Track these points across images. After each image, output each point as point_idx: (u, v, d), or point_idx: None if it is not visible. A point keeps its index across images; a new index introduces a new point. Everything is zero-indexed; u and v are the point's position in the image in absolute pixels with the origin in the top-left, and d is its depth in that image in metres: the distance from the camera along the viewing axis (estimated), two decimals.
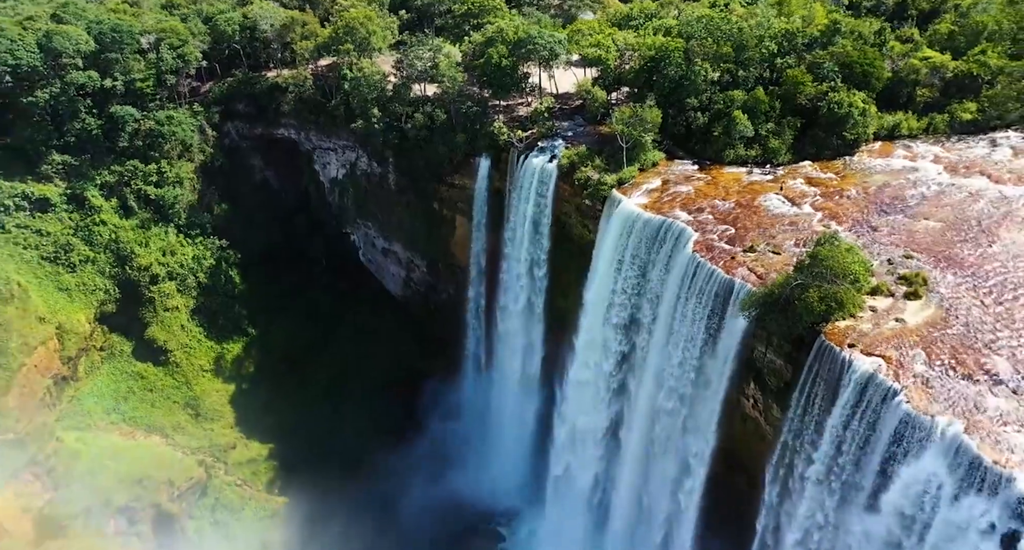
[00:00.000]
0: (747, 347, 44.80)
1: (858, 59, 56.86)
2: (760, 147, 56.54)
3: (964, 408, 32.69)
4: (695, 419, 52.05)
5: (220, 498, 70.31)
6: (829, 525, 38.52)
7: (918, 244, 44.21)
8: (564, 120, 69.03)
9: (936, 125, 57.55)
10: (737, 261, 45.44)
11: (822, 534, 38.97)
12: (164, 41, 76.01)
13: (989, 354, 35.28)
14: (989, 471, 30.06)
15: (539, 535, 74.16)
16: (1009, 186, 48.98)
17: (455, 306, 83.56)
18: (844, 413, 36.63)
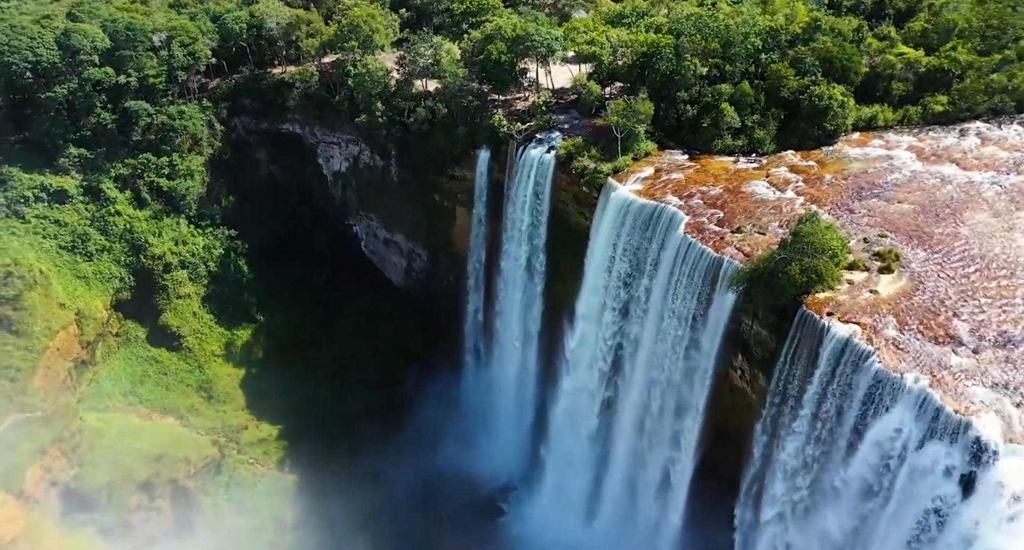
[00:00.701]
0: (735, 320, 48.16)
1: (838, 55, 60.32)
2: (746, 137, 59.91)
3: (930, 366, 36.14)
4: (687, 393, 55.38)
5: (234, 476, 73.10)
6: (810, 477, 41.93)
7: (892, 224, 47.70)
8: (560, 113, 72.01)
9: (910, 116, 61.15)
10: (725, 241, 48.82)
11: (804, 486, 42.36)
12: (175, 39, 78.56)
13: (953, 320, 38.77)
14: (950, 419, 33.50)
15: (538, 509, 77.22)
16: (975, 172, 52.59)
17: (456, 293, 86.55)
18: (823, 375, 40.08)
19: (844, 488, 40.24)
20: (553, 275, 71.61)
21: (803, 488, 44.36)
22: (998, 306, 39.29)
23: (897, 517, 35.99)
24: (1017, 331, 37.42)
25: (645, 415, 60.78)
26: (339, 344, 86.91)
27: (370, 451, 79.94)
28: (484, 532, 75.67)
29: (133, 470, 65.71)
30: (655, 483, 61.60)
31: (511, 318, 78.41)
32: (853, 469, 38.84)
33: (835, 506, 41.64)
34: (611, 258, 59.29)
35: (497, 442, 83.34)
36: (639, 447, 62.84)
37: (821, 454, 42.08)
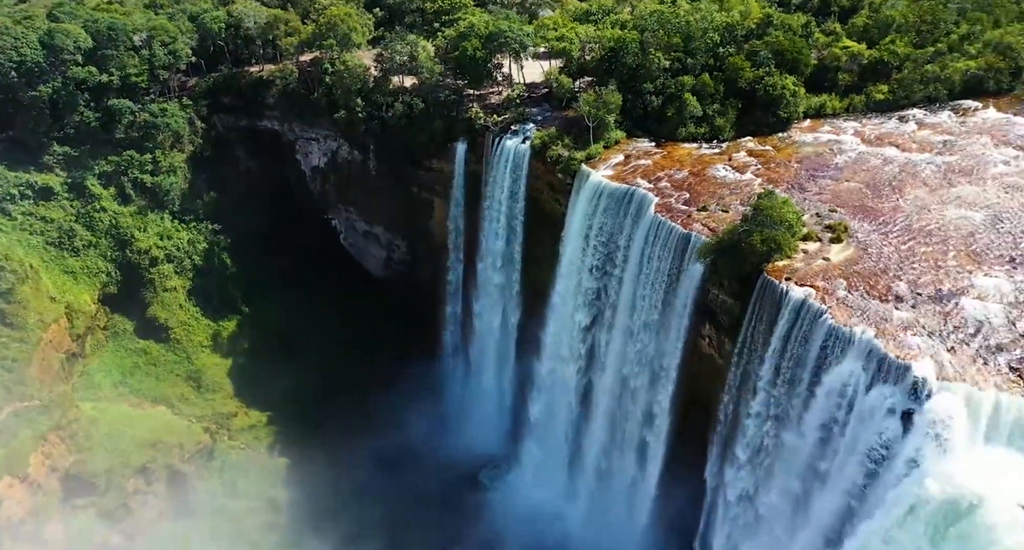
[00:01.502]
0: (703, 291, 52.36)
1: (789, 48, 65.12)
2: (708, 125, 64.28)
3: (875, 321, 40.72)
4: (660, 363, 59.54)
5: (226, 460, 75.35)
6: (773, 424, 46.37)
7: (840, 201, 52.42)
8: (533, 106, 75.57)
9: (855, 104, 66.26)
10: (692, 219, 53.09)
11: (768, 432, 46.81)
12: (156, 38, 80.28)
13: (894, 281, 43.49)
14: (893, 364, 38.03)
15: (520, 483, 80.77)
16: (913, 153, 57.72)
17: (435, 282, 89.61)
18: (783, 333, 44.45)
19: (803, 438, 44.71)
20: (530, 260, 75.15)
21: (767, 443, 48.92)
22: (932, 268, 44.14)
23: (851, 454, 40.47)
24: (948, 289, 42.25)
25: (621, 388, 64.70)
26: (323, 334, 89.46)
27: (356, 435, 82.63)
28: (468, 506, 78.85)
29: (130, 456, 67.69)
30: (633, 452, 65.64)
31: (490, 303, 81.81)
32: (811, 417, 43.25)
33: (795, 457, 46.16)
34: (586, 239, 63.13)
35: (478, 423, 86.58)
36: (616, 418, 66.82)
37: (782, 409, 46.52)
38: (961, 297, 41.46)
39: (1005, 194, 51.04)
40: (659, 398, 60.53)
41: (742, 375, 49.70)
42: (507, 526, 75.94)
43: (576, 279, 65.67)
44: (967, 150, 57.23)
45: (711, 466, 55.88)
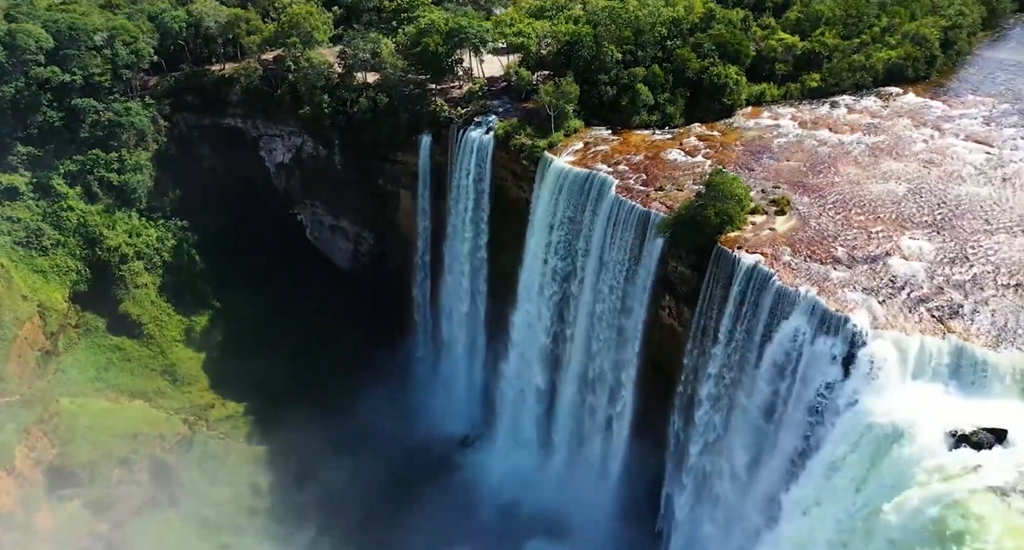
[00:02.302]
0: (662, 264, 56.68)
1: (730, 40, 70.07)
2: (660, 113, 68.69)
3: (817, 280, 45.53)
4: (625, 335, 63.80)
5: (206, 450, 76.68)
6: (730, 380, 50.97)
7: (782, 178, 57.39)
8: (494, 99, 78.82)
9: (791, 92, 71.61)
10: (651, 198, 57.36)
11: (726, 388, 51.40)
12: (117, 38, 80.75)
13: (832, 246, 48.47)
14: (833, 317, 42.83)
15: (494, 458, 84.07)
16: (844, 135, 63.22)
17: (404, 272, 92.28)
18: (737, 296, 48.97)
19: (758, 389, 49.36)
20: (497, 245, 78.38)
21: (725, 398, 53.54)
22: (864, 234, 49.32)
23: (800, 400, 45.22)
24: (878, 251, 47.42)
25: (589, 361, 68.59)
26: (294, 326, 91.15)
27: (331, 421, 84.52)
28: (444, 482, 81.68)
29: (112, 447, 68.77)
30: (602, 420, 69.70)
31: (459, 289, 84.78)
32: (764, 369, 47.83)
33: (751, 408, 50.79)
34: (551, 222, 66.87)
35: (451, 405, 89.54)
36: (585, 390, 70.70)
37: (738, 365, 51.11)
38: (889, 257, 46.67)
39: (924, 169, 56.78)
40: (625, 367, 64.69)
41: (701, 338, 54.17)
42: (482, 495, 79.20)
43: (543, 260, 69.30)
44: (891, 131, 63.07)
45: (674, 425, 60.32)
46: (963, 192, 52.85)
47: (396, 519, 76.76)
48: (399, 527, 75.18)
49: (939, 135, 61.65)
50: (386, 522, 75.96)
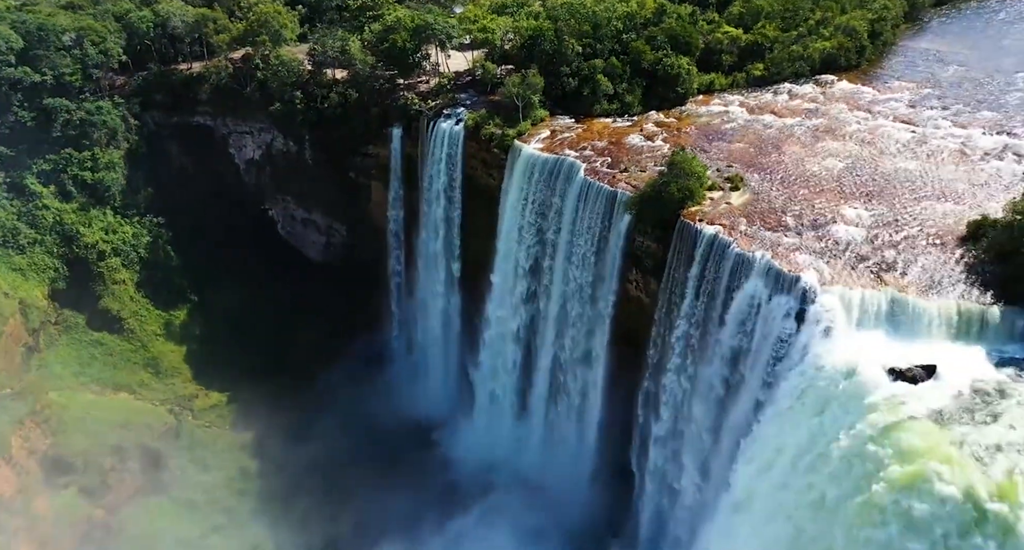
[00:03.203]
0: (629, 240, 60.98)
1: (681, 33, 74.82)
2: (619, 102, 72.91)
3: (770, 246, 50.37)
4: (596, 309, 67.85)
5: (193, 438, 78.29)
6: (696, 342, 55.61)
7: (735, 158, 62.25)
8: (460, 92, 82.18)
9: (737, 81, 76.65)
10: (617, 179, 61.58)
11: (692, 348, 55.99)
12: (86, 38, 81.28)
13: (782, 216, 53.44)
14: (786, 277, 47.65)
15: (470, 437, 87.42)
16: (788, 118, 68.41)
17: (377, 262, 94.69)
18: (699, 265, 53.56)
19: (721, 349, 54.05)
20: (469, 231, 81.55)
21: (691, 360, 58.15)
22: (809, 205, 54.40)
23: (759, 355, 49.96)
24: (822, 219, 52.56)
25: (562, 336, 72.27)
26: (271, 318, 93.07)
27: (312, 407, 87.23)
28: (422, 461, 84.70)
29: (103, 437, 70.14)
30: (576, 393, 73.35)
31: (432, 276, 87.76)
32: (726, 329, 52.41)
33: (715, 367, 55.46)
34: (523, 207, 70.50)
35: (427, 390, 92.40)
36: (559, 365, 74.20)
37: (702, 328, 55.74)
38: (832, 224, 51.82)
39: (859, 147, 62.37)
40: (596, 341, 68.66)
41: (668, 305, 58.62)
42: (462, 473, 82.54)
43: (516, 242, 72.83)
44: (828, 114, 68.60)
45: (645, 389, 64.71)
46: (893, 166, 58.54)
47: (379, 491, 79.31)
48: (382, 497, 77.80)
49: (871, 117, 67.46)
50: (369, 495, 78.36)
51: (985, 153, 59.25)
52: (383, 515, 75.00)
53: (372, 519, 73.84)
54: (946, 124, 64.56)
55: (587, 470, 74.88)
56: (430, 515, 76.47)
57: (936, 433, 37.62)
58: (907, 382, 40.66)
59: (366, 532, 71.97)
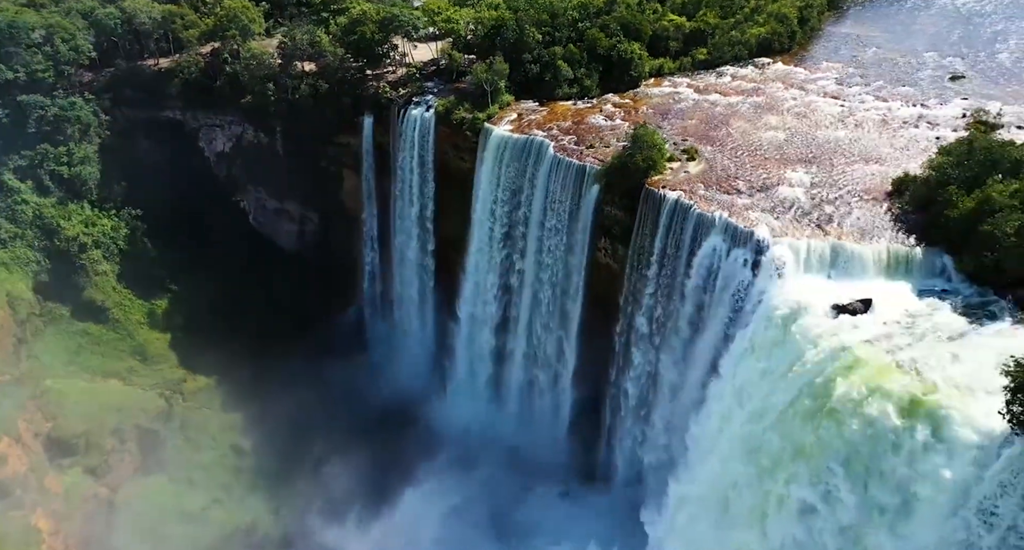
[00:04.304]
0: (598, 211, 66.26)
1: (632, 21, 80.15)
2: (579, 86, 77.65)
3: (727, 206, 56.20)
4: (568, 279, 72.72)
5: (185, 420, 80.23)
6: (663, 297, 61.34)
7: (688, 133, 67.98)
8: (427, 82, 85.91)
9: (684, 64, 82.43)
10: (584, 154, 66.60)
11: (660, 304, 61.70)
12: (56, 35, 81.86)
13: (735, 181, 59.47)
14: (742, 232, 53.60)
15: (449, 410, 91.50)
16: (732, 97, 74.63)
17: (351, 248, 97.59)
18: (664, 227, 59.24)
19: (686, 301, 59.93)
20: (443, 214, 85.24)
21: (659, 316, 63.86)
22: (757, 171, 60.57)
23: (720, 304, 55.93)
24: (769, 182, 58.78)
25: (536, 308, 76.61)
26: (250, 305, 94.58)
27: (296, 388, 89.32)
28: (405, 434, 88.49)
29: (101, 419, 71.64)
30: (551, 360, 78.34)
31: (408, 258, 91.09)
32: (691, 284, 58.15)
33: (682, 318, 61.34)
34: (495, 186, 74.72)
35: (405, 368, 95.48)
36: (534, 335, 78.56)
37: (669, 285, 61.45)
38: (779, 186, 58.07)
39: (796, 120, 68.98)
40: (570, 308, 73.56)
41: (636, 267, 64.08)
42: (442, 444, 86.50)
43: (490, 220, 76.99)
44: (767, 93, 75.19)
45: (617, 347, 70.10)
46: (827, 136, 65.36)
47: (365, 460, 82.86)
48: (370, 466, 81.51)
49: (804, 94, 74.29)
50: (356, 464, 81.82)
51: (903, 122, 66.72)
52: (373, 475, 78.55)
53: (363, 482, 77.40)
54: (869, 98, 71.96)
55: (564, 424, 79.88)
56: (413, 473, 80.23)
57: (874, 352, 44.00)
58: (849, 314, 46.94)
59: (359, 493, 75.59)
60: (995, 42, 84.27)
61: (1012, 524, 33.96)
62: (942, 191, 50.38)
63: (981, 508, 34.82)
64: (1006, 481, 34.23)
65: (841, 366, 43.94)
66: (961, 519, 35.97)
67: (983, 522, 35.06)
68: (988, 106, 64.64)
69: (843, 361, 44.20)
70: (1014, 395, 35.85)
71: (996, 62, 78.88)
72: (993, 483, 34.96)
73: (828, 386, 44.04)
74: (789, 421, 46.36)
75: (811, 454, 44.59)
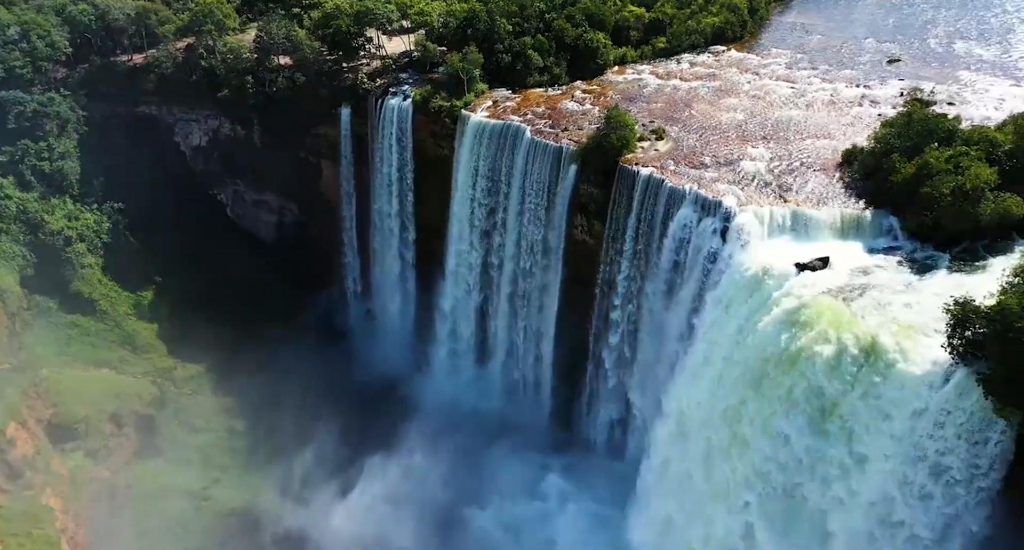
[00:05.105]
0: (575, 189, 70.03)
1: (596, 12, 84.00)
2: (549, 74, 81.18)
3: (696, 180, 60.61)
4: (547, 255, 76.21)
5: (178, 405, 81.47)
6: (639, 268, 65.51)
7: (655, 115, 72.16)
8: (402, 73, 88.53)
9: (645, 53, 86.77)
10: (560, 137, 70.15)
11: (636, 275, 65.86)
12: (31, 31, 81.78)
13: (701, 157, 63.97)
14: (711, 202, 58.05)
15: (434, 386, 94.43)
16: (692, 82, 79.20)
17: (331, 235, 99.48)
18: (638, 202, 63.40)
19: (661, 270, 64.21)
20: (422, 200, 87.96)
21: (635, 286, 68.06)
22: (721, 147, 65.17)
23: (693, 267, 60.32)
24: (733, 158, 63.43)
25: (517, 284, 79.97)
26: (234, 295, 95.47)
27: (284, 370, 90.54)
28: (390, 410, 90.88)
29: (100, 405, 72.58)
30: (533, 334, 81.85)
31: (388, 244, 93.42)
32: (664, 253, 62.40)
33: (656, 285, 65.65)
34: (475, 170, 77.82)
35: (389, 351, 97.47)
36: (514, 311, 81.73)
37: (644, 256, 65.72)
38: (741, 161, 62.76)
39: (752, 101, 73.86)
40: (550, 284, 77.08)
41: (613, 242, 68.07)
42: (425, 416, 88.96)
43: (470, 203, 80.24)
44: (725, 77, 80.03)
45: (596, 320, 74.14)
46: (781, 115, 70.40)
47: (358, 433, 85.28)
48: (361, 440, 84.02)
49: (758, 78, 79.42)
50: (347, 439, 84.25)
51: (848, 101, 72.24)
52: (358, 447, 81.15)
53: (357, 454, 79.96)
54: (817, 81, 77.41)
55: (547, 392, 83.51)
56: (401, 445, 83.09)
57: (833, 303, 48.77)
58: (809, 271, 51.57)
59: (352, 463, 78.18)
60: (925, 28, 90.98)
61: (958, 433, 39.06)
62: (886, 159, 55.58)
63: (937, 422, 39.80)
64: (952, 399, 39.24)
65: (805, 316, 48.58)
66: (914, 437, 40.94)
67: (930, 436, 40.11)
68: (922, 85, 70.54)
69: (806, 311, 48.85)
70: (954, 331, 40.83)
71: (927, 46, 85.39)
72: (940, 403, 39.94)
73: (794, 334, 48.73)
74: (760, 367, 50.89)
75: (781, 394, 49.23)
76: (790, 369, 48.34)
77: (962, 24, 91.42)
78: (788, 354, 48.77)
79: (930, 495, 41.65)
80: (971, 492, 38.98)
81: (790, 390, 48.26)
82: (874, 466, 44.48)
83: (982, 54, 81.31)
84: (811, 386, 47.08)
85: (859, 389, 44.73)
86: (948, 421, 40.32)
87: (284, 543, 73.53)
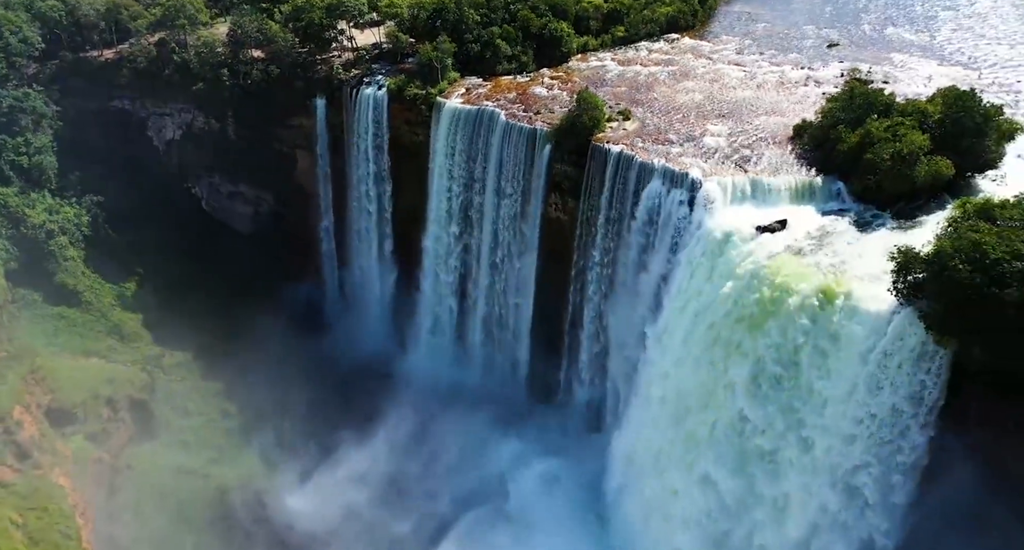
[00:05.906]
0: (550, 169, 73.77)
1: (558, 1, 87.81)
2: (517, 62, 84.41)
3: (664, 155, 64.89)
4: (524, 234, 79.74)
5: (169, 391, 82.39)
6: (613, 242, 69.72)
7: (620, 98, 76.26)
8: (375, 63, 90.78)
9: (606, 41, 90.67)
10: (533, 119, 73.82)
11: (610, 248, 70.06)
12: (4, 27, 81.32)
13: (667, 135, 68.41)
14: (679, 175, 62.50)
15: (417, 365, 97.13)
16: (652, 67, 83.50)
17: (307, 224, 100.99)
18: (610, 178, 67.56)
19: (633, 240, 68.55)
20: (399, 187, 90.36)
21: (610, 258, 72.20)
22: (684, 125, 69.70)
23: (664, 235, 64.83)
24: (695, 134, 68.05)
25: (495, 264, 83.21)
26: (214, 284, 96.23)
27: (269, 356, 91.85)
28: (376, 390, 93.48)
29: (96, 390, 73.39)
30: (511, 313, 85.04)
31: (366, 231, 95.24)
32: (637, 224, 66.81)
33: (629, 255, 70.01)
34: (451, 156, 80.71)
35: (367, 336, 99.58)
36: (493, 290, 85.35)
37: (617, 228, 69.94)
38: (703, 137, 67.38)
39: (708, 84, 78.66)
40: (526, 262, 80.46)
41: (587, 217, 72.00)
42: (407, 393, 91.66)
43: (447, 187, 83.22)
44: (681, 63, 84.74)
45: (572, 293, 78.04)
46: (736, 95, 75.40)
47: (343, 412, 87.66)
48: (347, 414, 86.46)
49: (712, 63, 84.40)
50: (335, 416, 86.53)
51: (795, 82, 77.80)
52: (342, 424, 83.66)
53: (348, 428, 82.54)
54: (766, 64, 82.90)
55: (524, 362, 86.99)
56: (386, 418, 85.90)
57: (792, 259, 53.91)
58: (769, 233, 56.55)
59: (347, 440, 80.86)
60: (859, 16, 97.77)
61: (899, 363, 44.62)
62: (833, 131, 60.93)
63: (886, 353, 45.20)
64: (902, 332, 44.68)
65: (767, 272, 53.64)
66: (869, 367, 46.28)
67: (881, 366, 45.49)
68: (860, 66, 76.63)
69: (768, 267, 53.92)
70: (898, 275, 46.21)
71: (862, 32, 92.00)
72: (890, 338, 45.32)
73: (758, 288, 53.70)
74: (729, 321, 55.75)
75: (750, 344, 54.12)
76: (757, 321, 53.22)
77: (891, 12, 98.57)
78: (754, 307, 53.66)
79: (884, 423, 47.13)
80: (920, 411, 44.44)
81: (757, 340, 53.13)
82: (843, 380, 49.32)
83: (911, 39, 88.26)
84: (778, 333, 52.03)
85: (822, 330, 49.79)
86: (896, 351, 45.69)
87: (282, 515, 75.69)
